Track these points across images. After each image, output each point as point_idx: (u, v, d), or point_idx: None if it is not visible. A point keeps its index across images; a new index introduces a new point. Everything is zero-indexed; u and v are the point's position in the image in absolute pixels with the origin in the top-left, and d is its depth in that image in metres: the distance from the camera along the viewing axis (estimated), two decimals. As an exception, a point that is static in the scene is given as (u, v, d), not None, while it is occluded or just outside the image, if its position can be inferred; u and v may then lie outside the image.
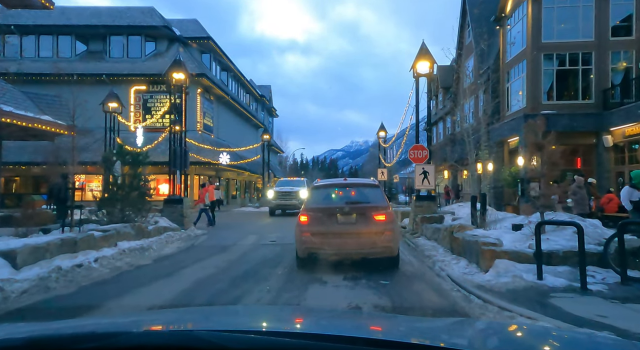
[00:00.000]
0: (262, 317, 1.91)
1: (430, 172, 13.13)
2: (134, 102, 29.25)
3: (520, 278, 5.61)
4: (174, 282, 6.72)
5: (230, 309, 3.33)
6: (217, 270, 7.74)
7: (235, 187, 40.71)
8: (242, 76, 41.54)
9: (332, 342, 1.17)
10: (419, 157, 13.29)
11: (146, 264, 8.41)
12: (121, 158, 11.40)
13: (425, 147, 13.47)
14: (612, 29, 18.89)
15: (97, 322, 1.82)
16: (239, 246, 10.81)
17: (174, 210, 13.22)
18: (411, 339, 1.37)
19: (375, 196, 7.80)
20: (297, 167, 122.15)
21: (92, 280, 6.77)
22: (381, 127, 28.38)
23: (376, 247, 7.24)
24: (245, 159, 32.48)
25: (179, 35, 30.95)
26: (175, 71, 14.19)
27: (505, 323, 3.54)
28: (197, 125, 30.22)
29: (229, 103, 36.44)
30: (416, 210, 12.95)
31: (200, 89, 30.18)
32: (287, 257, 9.08)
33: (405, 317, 2.73)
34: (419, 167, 13.19)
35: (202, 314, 2.05)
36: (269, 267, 7.95)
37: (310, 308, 4.55)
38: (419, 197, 13.19)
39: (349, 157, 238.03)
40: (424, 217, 11.67)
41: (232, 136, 36.67)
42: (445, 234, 8.79)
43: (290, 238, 12.40)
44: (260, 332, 1.38)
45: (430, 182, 13.13)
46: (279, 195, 21.50)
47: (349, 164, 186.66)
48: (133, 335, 1.26)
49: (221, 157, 27.75)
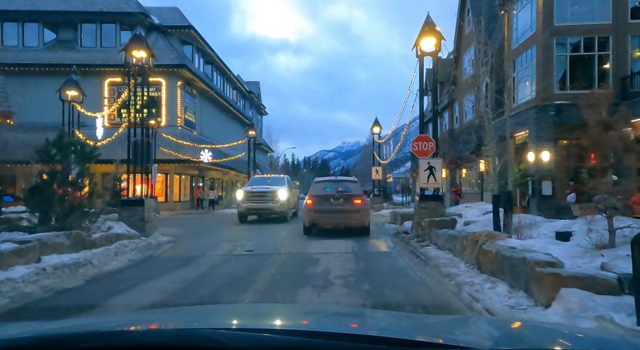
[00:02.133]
0: (264, 315, 1.89)
1: (437, 168, 11.16)
2: (108, 95, 26.99)
3: (611, 322, 3.61)
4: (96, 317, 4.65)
5: (234, 307, 3.40)
6: (164, 296, 5.67)
7: (221, 188, 38.51)
8: (227, 70, 39.36)
9: (336, 340, 1.17)
10: (424, 149, 11.31)
11: (74, 286, 6.30)
12: (63, 151, 9.26)
13: (432, 138, 11.49)
14: (632, 11, 17.09)
15: (102, 321, 1.81)
16: (207, 258, 8.75)
17: (133, 213, 11.10)
18: (415, 336, 1.37)
19: (355, 188, 12.36)
20: (289, 167, 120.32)
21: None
22: (375, 123, 26.43)
23: (354, 220, 11.53)
24: (231, 157, 30.31)
25: (157, 24, 28.76)
26: (134, 48, 12.13)
27: (510, 320, 3.55)
28: (178, 121, 28.05)
29: (213, 98, 34.25)
30: (421, 212, 10.97)
31: (180, 82, 27.99)
32: (263, 274, 7.04)
33: (408, 315, 2.89)
34: (423, 162, 11.22)
35: (206, 313, 2.04)
36: (236, 292, 5.90)
37: (313, 306, 4.58)
38: (424, 197, 11.21)
39: (341, 158, 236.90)
40: (432, 221, 9.68)
41: (217, 134, 34.45)
42: (468, 244, 6.80)
43: (271, 247, 10.45)
44: (265, 330, 1.38)
45: (437, 180, 11.16)
46: (250, 196, 16.51)
47: (340, 165, 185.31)
48: (138, 333, 1.29)
49: (202, 155, 25.58)
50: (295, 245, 10.32)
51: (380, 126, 26.42)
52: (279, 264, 7.87)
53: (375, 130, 26.35)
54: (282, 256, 9.01)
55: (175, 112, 27.86)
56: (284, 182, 17.92)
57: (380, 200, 25.76)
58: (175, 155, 24.45)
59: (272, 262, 8.08)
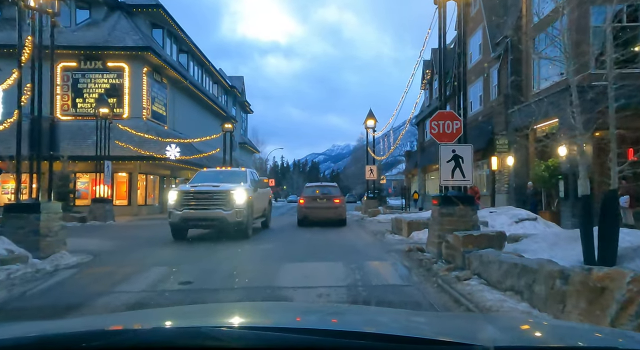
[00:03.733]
0: (267, 314, 1.89)
1: (465, 157, 7.80)
2: (60, 82, 23.31)
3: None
4: None
5: (234, 305, 3.42)
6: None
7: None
8: (206, 61, 35.80)
9: (340, 337, 1.16)
10: (447, 131, 7.93)
11: None
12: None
13: (457, 116, 8.10)
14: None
15: (105, 320, 1.82)
16: (112, 298, 5.32)
17: (24, 224, 7.54)
18: (420, 333, 1.37)
19: (335, 191, 16.30)
20: (278, 170, 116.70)
21: None
22: (369, 115, 23.07)
23: (335, 214, 15.16)
24: (205, 154, 26.72)
25: (121, 2, 25.18)
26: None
27: (515, 317, 3.35)
28: (143, 112, 24.43)
29: (189, 90, 30.66)
30: (443, 222, 7.59)
31: (146, 68, 24.38)
32: None
33: (412, 312, 2.89)
34: (446, 149, 7.84)
35: (207, 311, 2.03)
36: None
37: (314, 304, 4.55)
38: (447, 200, 7.79)
39: (331, 161, 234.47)
40: (470, 237, 6.27)
41: (194, 130, 30.63)
42: (569, 291, 3.41)
43: (222, 275, 7.01)
44: (268, 328, 1.37)
45: (465, 174, 7.80)
46: (188, 199, 10.77)
47: (330, 168, 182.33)
48: (142, 332, 1.28)
49: (169, 151, 21.97)
50: (259, 273, 6.88)
51: (375, 119, 23.07)
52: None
53: (370, 124, 22.99)
54: (234, 293, 5.62)
55: (140, 103, 24.23)
56: (245, 179, 12.12)
57: (375, 204, 22.34)
58: (134, 150, 20.82)
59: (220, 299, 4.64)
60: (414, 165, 37.29)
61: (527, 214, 10.43)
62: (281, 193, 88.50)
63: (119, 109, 23.68)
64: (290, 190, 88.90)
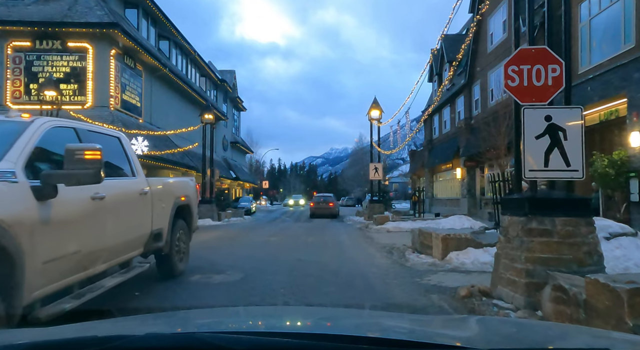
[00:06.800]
0: (264, 318, 1.88)
1: (571, 131, 4.35)
2: (11, 64, 19.81)
3: None
4: None
5: (231, 310, 3.36)
6: None
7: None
8: (192, 50, 32.29)
9: (337, 342, 1.15)
10: (536, 84, 4.45)
11: None
12: None
13: (556, 57, 4.61)
14: None
15: (99, 326, 1.73)
16: None
17: None
18: (413, 336, 1.36)
19: (331, 199, 27.12)
20: (275, 172, 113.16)
21: None
22: (374, 104, 19.61)
23: (331, 212, 25.27)
24: (181, 148, 23.16)
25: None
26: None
27: (507, 319, 3.35)
28: (111, 101, 20.84)
29: (170, 80, 27.10)
30: (532, 246, 4.12)
31: (114, 50, 20.83)
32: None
33: (406, 315, 2.79)
34: (534, 115, 4.39)
35: (203, 316, 2.01)
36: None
37: (311, 307, 4.43)
38: (538, 206, 4.30)
39: (329, 164, 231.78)
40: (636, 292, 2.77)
41: (177, 126, 26.97)
42: None
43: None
44: (264, 333, 1.38)
45: (570, 160, 4.34)
46: None
47: (328, 171, 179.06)
48: (136, 338, 1.22)
49: (136, 144, 18.46)
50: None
51: (380, 109, 19.61)
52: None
53: (374, 114, 19.52)
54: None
55: (106, 90, 20.68)
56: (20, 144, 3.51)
57: (380, 209, 18.78)
58: (92, 143, 17.28)
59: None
60: (420, 165, 33.84)
61: (621, 228, 6.96)
62: (278, 196, 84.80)
63: (81, 96, 20.21)
64: (287, 193, 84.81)
